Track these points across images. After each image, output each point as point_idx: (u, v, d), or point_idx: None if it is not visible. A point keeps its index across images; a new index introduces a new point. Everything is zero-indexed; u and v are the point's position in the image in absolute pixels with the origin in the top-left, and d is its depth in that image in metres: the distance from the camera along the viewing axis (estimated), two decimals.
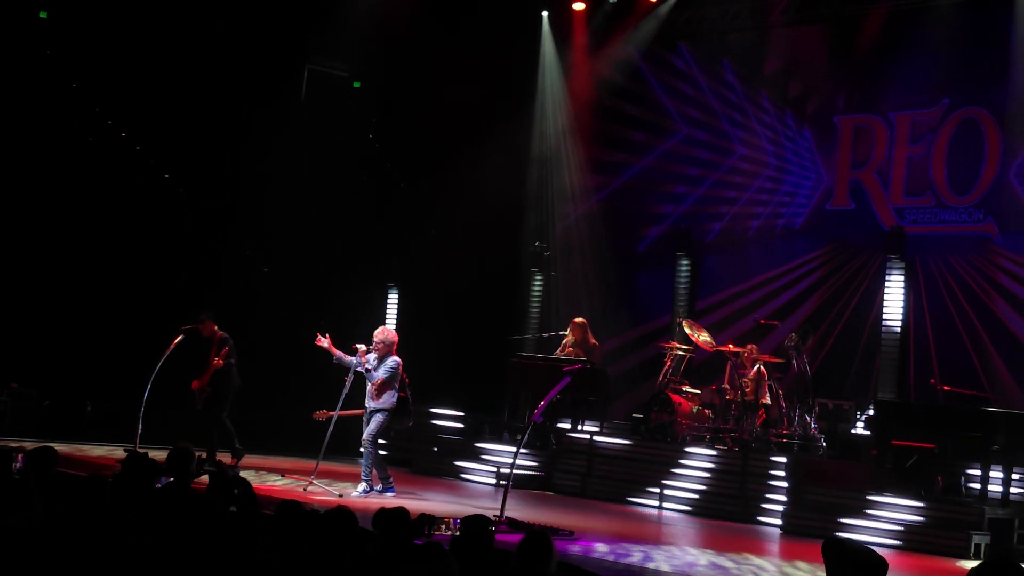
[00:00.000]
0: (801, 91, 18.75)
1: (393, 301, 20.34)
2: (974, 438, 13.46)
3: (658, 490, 15.10)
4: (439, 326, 19.05)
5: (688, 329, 16.45)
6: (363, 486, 13.27)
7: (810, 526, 13.19)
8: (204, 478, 8.91)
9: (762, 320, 17.02)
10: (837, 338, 17.44)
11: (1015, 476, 13.43)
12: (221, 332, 14.93)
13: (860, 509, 13.34)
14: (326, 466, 13.89)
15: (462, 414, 17.91)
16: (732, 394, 15.59)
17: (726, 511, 14.49)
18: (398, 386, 13.45)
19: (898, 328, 16.35)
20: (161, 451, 9.75)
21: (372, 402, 13.42)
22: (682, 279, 18.88)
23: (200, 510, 7.12)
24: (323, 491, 13.02)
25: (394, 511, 6.87)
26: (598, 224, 20.06)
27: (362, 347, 13.40)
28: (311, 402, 14.38)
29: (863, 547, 5.93)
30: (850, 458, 15.20)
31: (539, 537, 6.02)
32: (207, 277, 18.69)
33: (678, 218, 19.67)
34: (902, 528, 12.95)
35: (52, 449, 8.08)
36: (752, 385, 15.45)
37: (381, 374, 13.32)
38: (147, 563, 5.85)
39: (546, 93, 20.63)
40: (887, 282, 16.48)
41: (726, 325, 18.05)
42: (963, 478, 13.86)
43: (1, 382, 17.25)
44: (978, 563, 5.34)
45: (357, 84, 20.80)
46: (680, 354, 16.48)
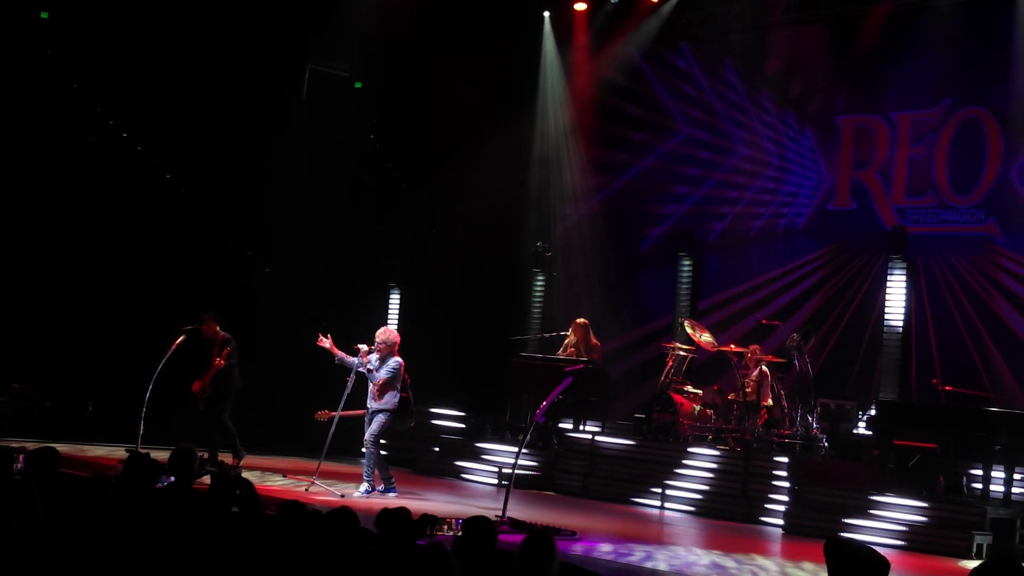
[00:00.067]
0: (803, 91, 18.73)
1: (395, 301, 20.33)
2: (976, 438, 13.46)
3: (660, 490, 15.11)
4: (440, 326, 19.02)
5: (690, 329, 16.46)
6: (365, 486, 13.27)
7: (812, 526, 13.20)
8: (206, 478, 8.92)
9: (764, 320, 17.02)
10: (839, 338, 17.42)
11: (1017, 476, 13.44)
12: (223, 333, 14.91)
13: (862, 509, 13.34)
14: (328, 466, 13.90)
15: (463, 414, 17.92)
16: (734, 394, 15.59)
17: (728, 511, 14.50)
18: (400, 387, 13.45)
19: (900, 328, 16.34)
20: (163, 452, 9.75)
21: (374, 403, 13.41)
22: (684, 279, 18.90)
23: (202, 511, 7.11)
24: (325, 491, 13.01)
25: (396, 511, 6.87)
26: (600, 224, 20.04)
27: (364, 347, 13.39)
28: (313, 402, 14.36)
29: (865, 547, 5.93)
30: (852, 458, 15.19)
31: (541, 537, 6.02)
32: (208, 277, 18.67)
33: (680, 218, 19.65)
34: (904, 528, 12.95)
35: (53, 449, 8.06)
36: (754, 385, 15.45)
37: (383, 375, 13.31)
38: (149, 564, 5.85)
39: (547, 93, 20.61)
40: (889, 282, 16.47)
41: (728, 325, 18.03)
42: (965, 478, 13.86)
43: (2, 382, 17.26)
44: (980, 563, 5.33)
45: (358, 84, 20.78)
46: (682, 354, 16.48)
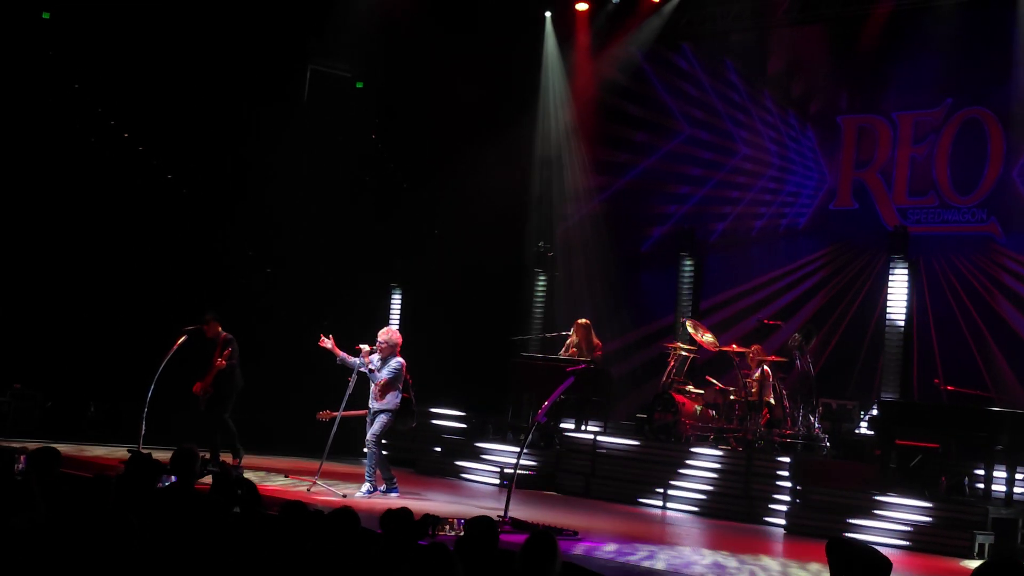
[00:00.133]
0: (804, 91, 18.73)
1: (396, 301, 20.32)
2: (978, 438, 13.46)
3: (662, 490, 15.10)
4: (442, 326, 19.02)
5: (692, 329, 16.46)
6: (367, 486, 13.26)
7: (814, 526, 13.18)
8: (207, 479, 8.91)
9: (766, 320, 17.00)
10: (841, 338, 17.41)
11: (1019, 476, 13.42)
12: (225, 333, 14.90)
13: (864, 509, 13.32)
14: (330, 467, 13.90)
15: (465, 414, 17.91)
16: (736, 394, 15.59)
17: (730, 511, 14.49)
18: (402, 387, 13.45)
19: (901, 328, 16.33)
20: (164, 452, 9.75)
21: (376, 403, 13.41)
22: (685, 279, 18.89)
23: (204, 511, 7.12)
24: (327, 492, 13.01)
25: (398, 512, 6.86)
26: (601, 224, 20.03)
27: (365, 348, 13.38)
28: (315, 402, 14.36)
29: (867, 547, 5.92)
30: (854, 458, 15.18)
31: (543, 537, 6.01)
32: (210, 278, 18.67)
33: (681, 218, 19.65)
34: (906, 528, 12.93)
35: (54, 450, 8.06)
36: (756, 385, 15.45)
37: (385, 375, 13.30)
38: (150, 564, 5.85)
39: (549, 93, 20.61)
40: (890, 282, 16.45)
41: (729, 325, 18.03)
42: (967, 478, 13.85)
43: (4, 383, 17.26)
44: (982, 563, 5.33)
45: (360, 84, 20.79)
46: (684, 354, 16.47)
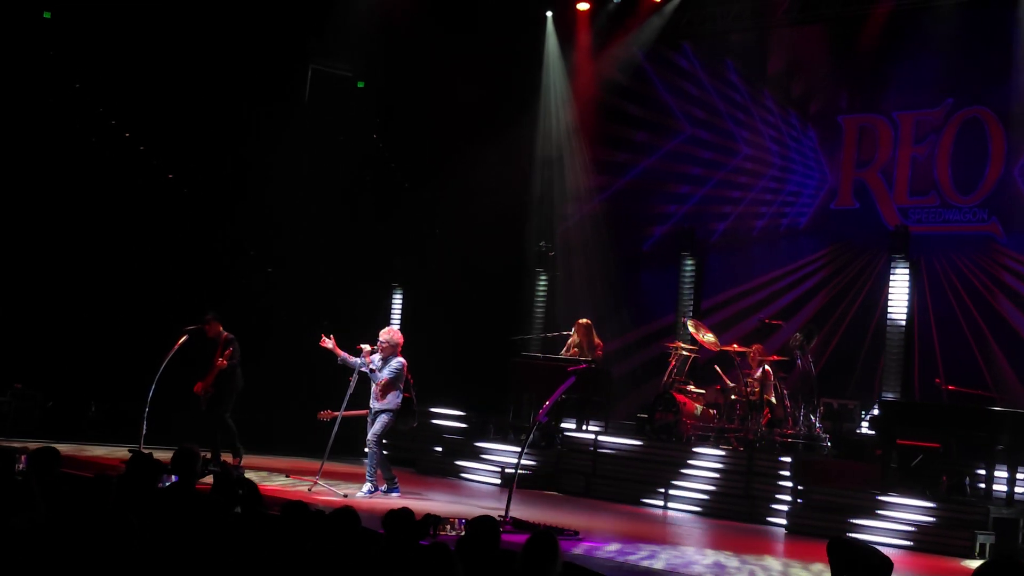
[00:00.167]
0: (805, 91, 18.73)
1: (397, 301, 20.33)
2: (979, 437, 13.46)
3: (663, 490, 15.10)
4: (442, 326, 19.02)
5: (693, 329, 16.46)
6: (368, 486, 13.26)
7: (815, 526, 13.17)
8: (208, 479, 8.90)
9: (767, 320, 17.00)
10: (841, 338, 17.40)
11: (1020, 475, 13.41)
12: (227, 333, 14.89)
13: (865, 509, 13.32)
14: (331, 466, 13.89)
15: (466, 414, 17.91)
16: (737, 392, 15.58)
17: (732, 511, 14.48)
18: (403, 387, 13.44)
19: (902, 327, 16.33)
20: (165, 452, 9.75)
21: (376, 403, 13.40)
22: (686, 279, 18.89)
23: (204, 511, 7.11)
24: (328, 491, 13.01)
25: (399, 511, 6.86)
26: (602, 224, 20.03)
27: (366, 347, 13.37)
28: (316, 402, 14.35)
29: (868, 546, 5.93)
30: (855, 458, 15.18)
31: (545, 537, 6.00)
32: (210, 277, 18.67)
33: (682, 218, 19.64)
34: (907, 528, 12.92)
35: (54, 449, 8.06)
36: (757, 385, 15.44)
37: (385, 375, 13.30)
38: (151, 564, 5.84)
39: (550, 93, 20.62)
40: (891, 282, 16.45)
41: (730, 325, 18.03)
42: (968, 478, 13.84)
43: (4, 383, 17.26)
44: (983, 562, 5.33)
45: (361, 84, 20.79)
46: (685, 354, 16.47)
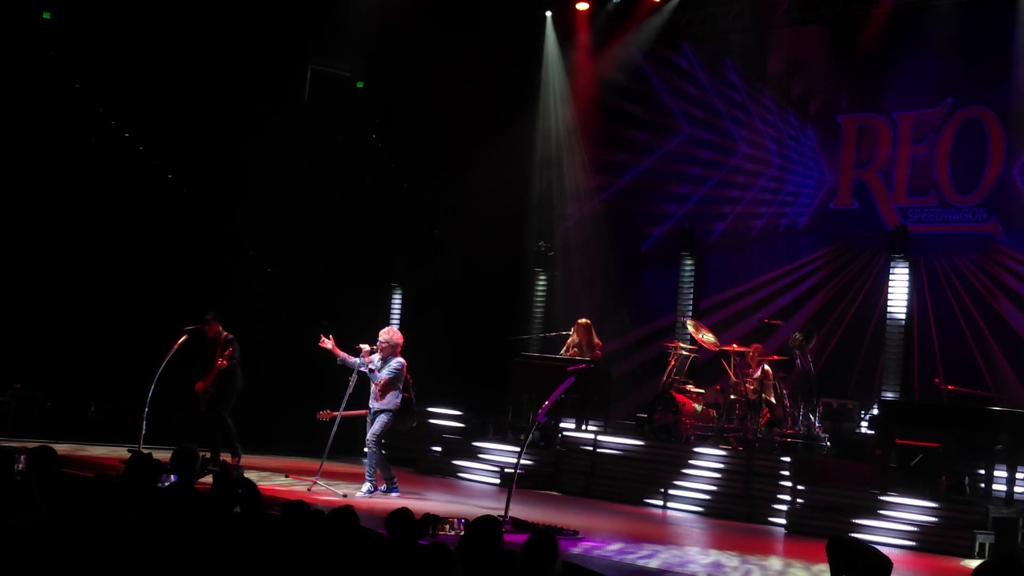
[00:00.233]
0: (804, 90, 18.74)
1: (396, 301, 20.33)
2: (978, 437, 13.46)
3: (663, 490, 15.10)
4: (442, 326, 19.02)
5: (692, 329, 16.46)
6: (367, 486, 13.26)
7: (815, 525, 13.18)
8: (208, 478, 8.91)
9: (766, 319, 17.01)
10: (841, 337, 17.41)
11: (1019, 475, 13.40)
12: (226, 333, 14.90)
13: (864, 508, 13.32)
14: (330, 466, 13.90)
15: (465, 414, 17.91)
16: (736, 392, 15.58)
17: (731, 511, 14.47)
18: (402, 387, 13.44)
19: (902, 327, 16.34)
20: (165, 451, 9.75)
21: (376, 403, 13.40)
22: (686, 279, 18.90)
23: (204, 511, 7.12)
24: (327, 491, 13.01)
25: (399, 512, 6.86)
26: (601, 224, 20.04)
27: (366, 347, 13.37)
28: (315, 402, 14.35)
29: (867, 546, 5.93)
30: (854, 457, 15.16)
31: (544, 537, 6.01)
32: (210, 277, 18.67)
33: (681, 218, 19.65)
34: (906, 527, 12.92)
35: (53, 449, 8.07)
36: (756, 384, 15.45)
37: (385, 375, 13.30)
38: (151, 564, 5.84)
39: (549, 93, 20.62)
40: (891, 281, 16.46)
41: (730, 324, 18.04)
42: (967, 477, 13.85)
43: (4, 383, 17.26)
44: (982, 562, 5.33)
45: (360, 84, 20.79)
46: (684, 354, 16.48)
